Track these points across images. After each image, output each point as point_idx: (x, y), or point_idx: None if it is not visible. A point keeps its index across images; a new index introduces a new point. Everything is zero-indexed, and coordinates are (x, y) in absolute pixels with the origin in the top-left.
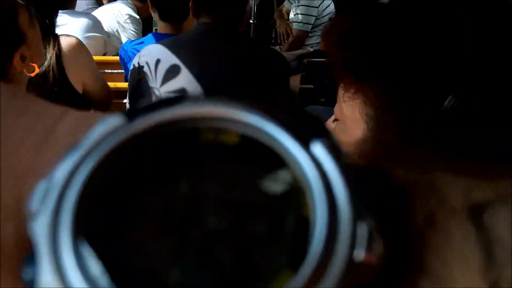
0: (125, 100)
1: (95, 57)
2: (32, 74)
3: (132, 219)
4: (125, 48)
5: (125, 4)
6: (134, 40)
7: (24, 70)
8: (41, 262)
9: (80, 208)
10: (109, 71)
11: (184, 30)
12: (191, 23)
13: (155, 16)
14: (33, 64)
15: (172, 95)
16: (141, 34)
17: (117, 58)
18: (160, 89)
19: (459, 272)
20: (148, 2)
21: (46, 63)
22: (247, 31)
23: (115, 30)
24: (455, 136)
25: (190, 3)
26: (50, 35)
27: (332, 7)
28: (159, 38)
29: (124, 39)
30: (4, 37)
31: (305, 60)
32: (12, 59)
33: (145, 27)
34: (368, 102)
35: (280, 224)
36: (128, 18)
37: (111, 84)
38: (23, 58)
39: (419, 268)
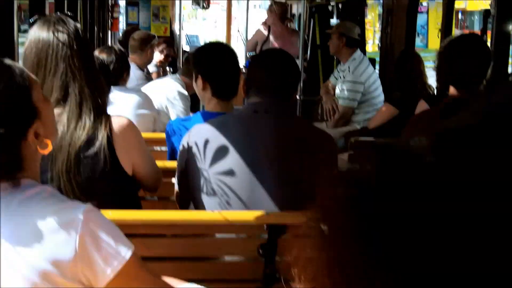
0: (173, 180)
1: (145, 134)
2: (46, 152)
3: None
4: (172, 124)
5: (174, 80)
6: (182, 117)
7: (38, 147)
8: None
9: None
10: (158, 148)
11: (232, 107)
12: (240, 99)
13: (204, 94)
14: (47, 141)
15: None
16: (189, 110)
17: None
18: (209, 170)
19: None
20: (199, 79)
21: (97, 143)
22: (294, 106)
23: (164, 106)
24: None
25: (241, 82)
26: (102, 115)
27: (378, 82)
28: (208, 117)
29: (173, 115)
30: (18, 113)
31: (352, 139)
32: (26, 135)
33: (192, 103)
34: None
35: None
36: (177, 94)
37: (159, 163)
38: (36, 135)
39: None
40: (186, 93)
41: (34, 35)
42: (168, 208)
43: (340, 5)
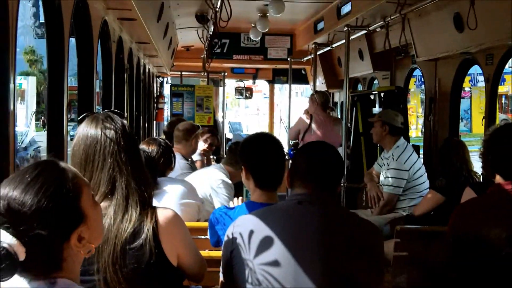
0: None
1: (189, 224)
2: (88, 255)
3: None
4: (215, 213)
5: (218, 169)
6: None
7: (81, 251)
8: None
9: None
10: (203, 237)
11: (277, 196)
12: (284, 186)
13: (249, 183)
14: (91, 245)
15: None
16: (233, 199)
17: None
18: (254, 261)
19: None
20: (243, 169)
21: (143, 235)
22: (338, 197)
23: (208, 195)
24: None
25: (286, 173)
26: (147, 207)
27: (423, 169)
28: (252, 207)
29: (217, 204)
30: (63, 217)
31: (398, 227)
32: (69, 239)
33: (236, 191)
34: None
35: None
36: (221, 183)
37: (204, 253)
38: (80, 239)
39: None
40: (229, 181)
41: (82, 131)
42: None
43: (382, 94)
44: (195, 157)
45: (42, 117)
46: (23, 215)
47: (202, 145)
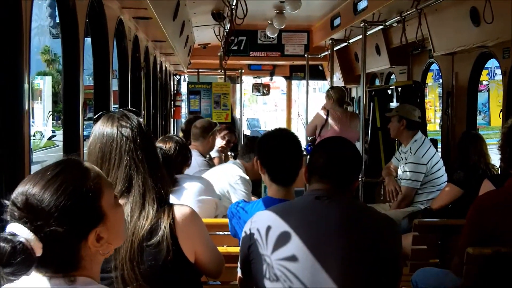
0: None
1: (206, 220)
2: (106, 255)
3: None
4: (231, 207)
5: (235, 165)
6: (243, 201)
7: (100, 251)
8: None
9: None
10: (221, 233)
11: (293, 192)
12: (301, 182)
13: (265, 178)
14: (110, 245)
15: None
16: (251, 194)
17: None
18: (271, 256)
19: None
20: (259, 164)
21: (160, 232)
22: (356, 189)
23: (225, 191)
24: None
25: (304, 169)
26: (164, 204)
27: (441, 163)
28: (269, 203)
29: (234, 200)
30: (81, 216)
31: (416, 221)
32: (87, 237)
33: (254, 187)
34: None
35: None
36: (238, 179)
37: (221, 249)
38: (98, 239)
39: None
40: (247, 177)
41: (98, 130)
42: None
43: (399, 88)
44: (213, 154)
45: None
46: (41, 211)
47: (220, 142)
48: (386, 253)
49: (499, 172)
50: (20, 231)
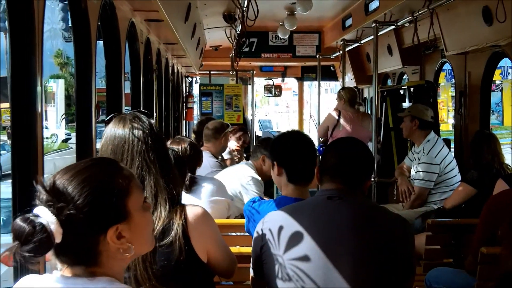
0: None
1: (219, 221)
2: (128, 256)
3: None
4: (245, 209)
5: (247, 166)
6: (256, 199)
7: (121, 250)
8: None
9: None
10: (233, 233)
11: (308, 191)
12: (314, 185)
13: (280, 179)
14: (131, 246)
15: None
16: (263, 195)
17: (240, 221)
18: (283, 256)
19: None
20: (275, 166)
21: (172, 233)
22: (369, 189)
23: (237, 192)
24: None
25: (316, 169)
26: (176, 205)
27: (454, 163)
28: (285, 202)
29: (246, 200)
30: (103, 208)
31: (429, 220)
32: (106, 231)
33: (266, 187)
34: None
35: None
36: (250, 179)
37: (234, 249)
38: (119, 236)
39: None
40: (259, 178)
41: (110, 132)
42: None
43: (411, 88)
44: (225, 155)
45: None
46: (64, 194)
47: (234, 143)
48: (399, 252)
49: None
50: (43, 213)
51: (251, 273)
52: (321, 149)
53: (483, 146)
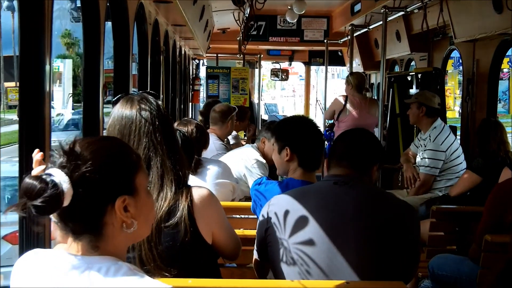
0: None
1: (224, 203)
2: (130, 238)
3: None
4: (252, 190)
5: (252, 148)
6: (262, 180)
7: (124, 224)
8: None
9: None
10: (238, 216)
11: (315, 177)
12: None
13: (291, 164)
14: (135, 222)
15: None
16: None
17: (245, 203)
18: (288, 240)
19: None
20: (286, 150)
21: (178, 214)
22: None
23: (242, 175)
24: None
25: (325, 160)
26: (183, 186)
27: (460, 150)
28: (292, 184)
29: (251, 183)
30: (115, 177)
31: (434, 207)
32: (115, 200)
33: (271, 171)
34: None
35: None
36: (255, 162)
37: (238, 232)
38: (125, 208)
39: None
40: (264, 161)
41: (117, 112)
42: (246, 275)
43: (419, 75)
44: (231, 140)
45: None
46: (79, 156)
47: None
48: (403, 239)
49: None
50: (56, 173)
51: (255, 255)
52: (327, 133)
53: (489, 134)
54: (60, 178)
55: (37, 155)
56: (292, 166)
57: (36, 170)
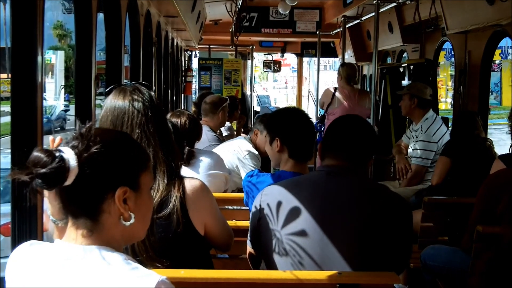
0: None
1: (216, 195)
2: (127, 232)
3: None
4: (244, 184)
5: (245, 140)
6: (254, 173)
7: (121, 216)
8: None
9: None
10: (230, 207)
11: (307, 168)
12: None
13: (281, 155)
14: (132, 215)
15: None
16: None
17: (237, 195)
18: (281, 231)
19: None
20: (277, 141)
21: (170, 205)
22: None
23: (235, 166)
24: None
25: (318, 146)
26: (175, 177)
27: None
28: (284, 176)
29: (243, 175)
30: (120, 167)
31: (425, 198)
32: (115, 189)
33: (263, 162)
34: None
35: None
36: (247, 154)
37: (231, 223)
38: (124, 200)
39: None
40: (256, 152)
41: (110, 103)
42: (239, 266)
43: (411, 66)
44: (224, 132)
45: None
46: (91, 138)
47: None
48: (396, 230)
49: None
50: (65, 150)
51: (248, 246)
52: (318, 126)
53: (464, 124)
54: (69, 155)
55: (56, 139)
56: (283, 158)
57: None
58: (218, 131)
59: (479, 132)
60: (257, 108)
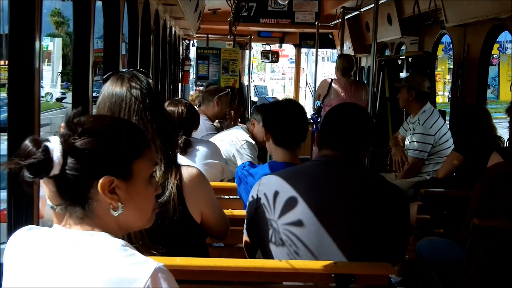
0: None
1: (213, 184)
2: (119, 218)
3: None
4: (237, 172)
5: (242, 130)
6: (248, 163)
7: (110, 204)
8: None
9: None
10: (226, 197)
11: (298, 157)
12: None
13: (270, 144)
14: (121, 205)
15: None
16: (257, 159)
17: (234, 184)
18: (278, 221)
19: None
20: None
21: (167, 192)
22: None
23: (231, 155)
24: None
25: (316, 134)
26: (172, 165)
27: (449, 134)
28: (275, 167)
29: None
30: (107, 155)
31: (422, 190)
32: (98, 179)
33: (261, 153)
34: None
35: None
36: (244, 143)
37: (227, 212)
38: (112, 191)
39: None
40: (253, 142)
41: (107, 90)
42: (235, 255)
43: (409, 59)
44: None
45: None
46: (78, 129)
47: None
48: (393, 222)
49: (506, 145)
50: (53, 140)
51: (245, 235)
52: (314, 117)
53: (475, 122)
54: (54, 145)
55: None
56: (272, 146)
57: None
58: (216, 120)
59: (493, 130)
60: (255, 99)
